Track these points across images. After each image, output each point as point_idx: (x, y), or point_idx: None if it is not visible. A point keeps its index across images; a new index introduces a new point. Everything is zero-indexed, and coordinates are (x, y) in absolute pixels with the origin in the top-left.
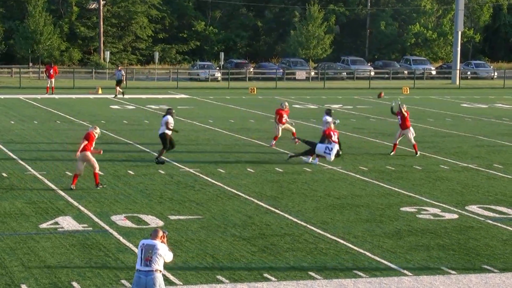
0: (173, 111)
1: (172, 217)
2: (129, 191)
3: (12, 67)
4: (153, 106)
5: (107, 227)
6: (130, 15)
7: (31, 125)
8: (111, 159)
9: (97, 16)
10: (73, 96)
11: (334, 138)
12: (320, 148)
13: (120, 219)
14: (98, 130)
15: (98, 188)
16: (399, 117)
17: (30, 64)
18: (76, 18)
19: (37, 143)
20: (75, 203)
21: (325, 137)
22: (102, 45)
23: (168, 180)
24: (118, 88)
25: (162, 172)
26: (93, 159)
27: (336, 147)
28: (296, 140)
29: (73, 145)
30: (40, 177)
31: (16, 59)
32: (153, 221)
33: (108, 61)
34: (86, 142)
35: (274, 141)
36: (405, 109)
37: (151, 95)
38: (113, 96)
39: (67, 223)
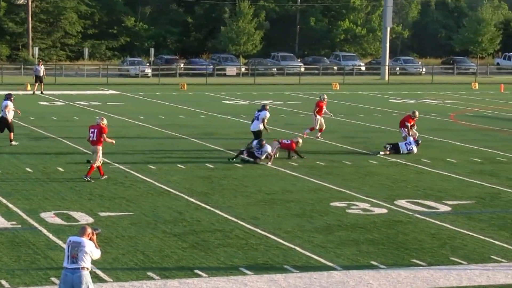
0: (268, 106)
1: (102, 214)
2: (59, 188)
3: None
4: (82, 102)
5: (36, 225)
6: (59, 11)
7: None
8: (40, 155)
9: (26, 12)
10: (1, 92)
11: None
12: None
13: (50, 216)
14: (105, 121)
15: (86, 179)
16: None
17: None
18: (4, 14)
19: None
20: (4, 200)
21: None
22: (30, 41)
23: (98, 177)
24: (37, 84)
25: None
26: (100, 154)
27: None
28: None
29: (1, 141)
30: None
31: None
32: (83, 218)
33: (37, 57)
34: (104, 136)
35: (308, 131)
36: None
37: (81, 91)
38: (33, 92)
39: None
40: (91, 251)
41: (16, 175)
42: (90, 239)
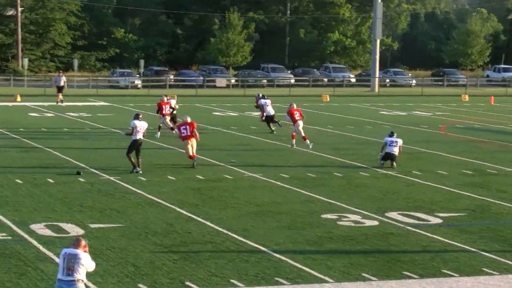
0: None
1: (93, 225)
2: (49, 200)
3: None
4: (72, 114)
5: (26, 236)
6: (49, 22)
7: None
8: (30, 167)
9: (15, 23)
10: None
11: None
12: None
13: (40, 228)
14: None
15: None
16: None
17: None
18: None
19: None
20: None
21: None
22: (20, 52)
23: (88, 188)
24: (60, 95)
25: (82, 180)
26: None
27: None
28: None
29: None
30: None
31: None
32: (73, 230)
33: (26, 68)
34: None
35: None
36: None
37: (71, 102)
38: (56, 103)
39: None
40: (87, 263)
41: (6, 187)
42: (84, 251)
